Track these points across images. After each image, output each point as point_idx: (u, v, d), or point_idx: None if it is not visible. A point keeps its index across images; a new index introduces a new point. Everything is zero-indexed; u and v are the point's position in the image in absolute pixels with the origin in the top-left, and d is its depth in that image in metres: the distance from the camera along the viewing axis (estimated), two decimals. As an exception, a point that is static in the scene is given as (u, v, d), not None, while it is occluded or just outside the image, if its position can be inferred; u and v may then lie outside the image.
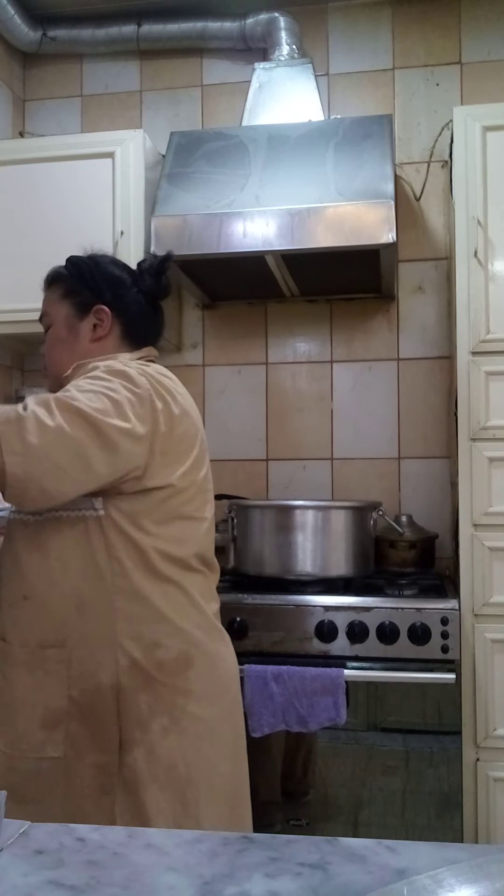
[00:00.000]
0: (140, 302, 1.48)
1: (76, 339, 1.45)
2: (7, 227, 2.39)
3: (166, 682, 1.30)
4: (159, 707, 1.29)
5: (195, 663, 1.33)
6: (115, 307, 1.46)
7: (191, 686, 1.32)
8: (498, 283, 2.06)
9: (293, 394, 2.66)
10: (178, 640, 1.31)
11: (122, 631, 1.28)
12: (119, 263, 1.54)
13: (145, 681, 1.28)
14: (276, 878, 0.57)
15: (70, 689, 1.27)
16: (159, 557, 1.30)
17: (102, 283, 1.46)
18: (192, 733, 1.31)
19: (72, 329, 1.46)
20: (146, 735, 1.28)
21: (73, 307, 1.47)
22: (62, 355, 1.45)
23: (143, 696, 1.28)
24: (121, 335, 1.46)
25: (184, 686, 1.31)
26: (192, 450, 1.37)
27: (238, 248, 2.13)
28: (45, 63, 2.80)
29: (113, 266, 1.51)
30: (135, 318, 1.48)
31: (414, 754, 1.97)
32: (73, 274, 1.48)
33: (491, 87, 2.54)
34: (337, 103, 2.64)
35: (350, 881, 0.57)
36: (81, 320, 1.46)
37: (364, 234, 2.07)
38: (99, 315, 1.45)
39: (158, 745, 1.28)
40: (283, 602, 2.04)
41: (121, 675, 1.27)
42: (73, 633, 1.27)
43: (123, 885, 0.57)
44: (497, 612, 2.00)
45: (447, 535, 2.46)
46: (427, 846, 0.62)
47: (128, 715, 1.28)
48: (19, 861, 0.61)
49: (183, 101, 2.74)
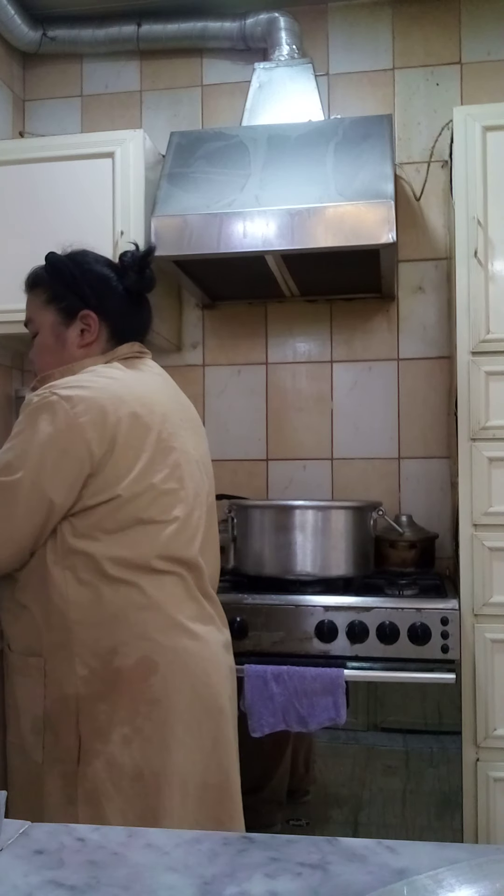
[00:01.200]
0: (125, 300, 1.46)
1: (63, 347, 1.45)
2: (7, 228, 2.39)
3: (126, 690, 1.27)
4: (119, 716, 1.26)
5: (159, 669, 1.29)
6: (101, 310, 1.45)
7: (155, 693, 1.28)
8: (498, 283, 2.06)
9: (293, 394, 2.66)
10: (136, 646, 1.28)
11: (78, 640, 1.27)
12: (101, 260, 1.51)
13: (104, 690, 1.27)
14: (276, 878, 0.57)
15: (45, 697, 1.29)
16: (113, 564, 1.29)
17: (86, 287, 1.44)
18: (158, 741, 1.28)
19: (59, 337, 1.45)
20: (106, 746, 1.26)
21: (59, 314, 1.46)
22: (50, 362, 1.45)
23: (101, 706, 1.26)
24: (108, 337, 1.46)
25: (148, 694, 1.28)
26: (141, 454, 1.32)
27: (238, 248, 2.13)
28: (45, 63, 2.80)
29: (96, 265, 1.48)
30: (121, 318, 1.46)
31: (414, 754, 1.97)
32: (54, 277, 1.47)
33: (491, 87, 2.54)
34: (337, 103, 2.64)
35: (350, 881, 0.57)
36: (68, 327, 1.45)
37: (364, 234, 2.06)
38: (86, 321, 1.44)
39: (120, 755, 1.25)
40: (283, 602, 2.04)
41: (80, 686, 1.26)
42: (45, 642, 1.29)
43: (123, 885, 0.57)
44: (497, 612, 2.00)
45: (447, 535, 2.46)
46: (427, 846, 0.62)
47: (87, 725, 1.26)
48: (19, 861, 0.61)
49: (183, 101, 2.74)
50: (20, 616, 1.32)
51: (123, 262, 1.47)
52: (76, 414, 1.27)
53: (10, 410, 2.66)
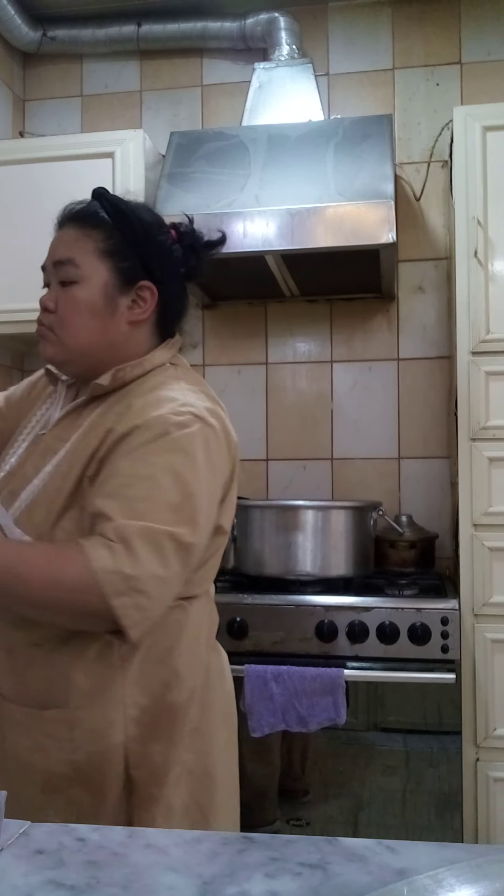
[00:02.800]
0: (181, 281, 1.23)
1: (112, 316, 1.17)
2: (7, 227, 2.39)
3: (178, 725, 1.16)
4: (173, 755, 1.15)
5: (195, 696, 1.19)
6: (161, 287, 1.19)
7: (194, 722, 1.19)
8: (498, 283, 2.06)
9: (293, 394, 2.66)
10: (188, 675, 1.18)
11: (130, 679, 1.12)
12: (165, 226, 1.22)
13: (157, 728, 1.13)
14: (276, 878, 0.57)
15: (74, 753, 1.10)
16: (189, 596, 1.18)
17: (154, 252, 1.18)
18: (201, 774, 1.19)
19: (110, 301, 1.16)
20: (163, 790, 1.13)
21: (118, 274, 1.16)
22: (91, 331, 1.17)
23: (155, 747, 1.13)
24: (156, 321, 1.22)
25: (189, 725, 1.18)
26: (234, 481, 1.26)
27: (238, 248, 2.13)
28: (45, 63, 2.80)
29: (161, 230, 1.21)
30: (174, 301, 1.24)
31: (414, 754, 1.97)
32: (123, 227, 1.17)
33: (491, 87, 2.54)
34: (337, 103, 2.64)
35: (350, 881, 0.57)
36: (122, 293, 1.17)
37: (364, 234, 2.07)
38: (142, 293, 1.18)
39: (174, 798, 1.15)
40: (283, 602, 2.04)
41: (130, 728, 1.11)
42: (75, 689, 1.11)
43: (123, 885, 0.57)
44: (497, 612, 2.00)
45: (447, 535, 2.46)
46: (427, 846, 0.62)
47: (141, 770, 1.12)
48: (19, 861, 0.61)
49: (183, 101, 2.74)
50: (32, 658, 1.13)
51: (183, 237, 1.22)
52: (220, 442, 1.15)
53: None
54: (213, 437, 1.12)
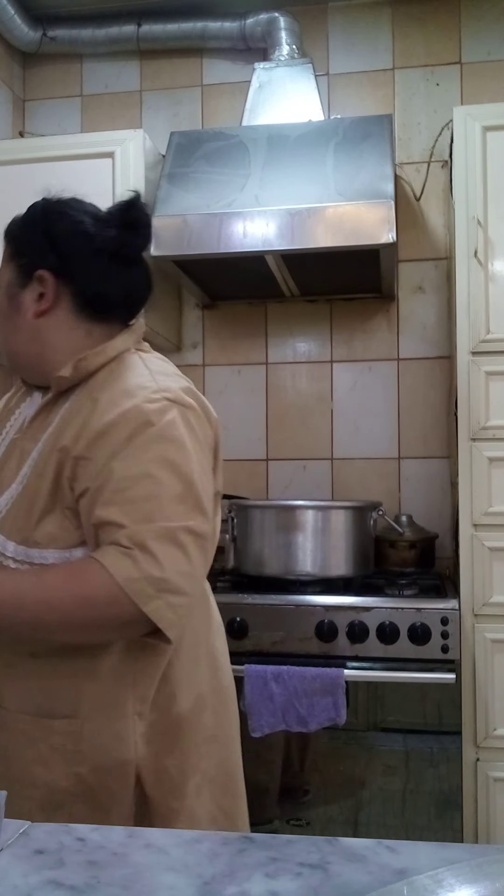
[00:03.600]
0: (100, 261, 1.16)
1: (17, 313, 1.17)
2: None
3: (189, 736, 1.14)
4: (189, 765, 1.13)
5: (207, 703, 1.17)
6: (63, 272, 1.16)
7: (209, 730, 1.17)
8: (498, 283, 2.06)
9: (293, 394, 2.66)
10: (191, 684, 1.15)
11: (137, 695, 1.10)
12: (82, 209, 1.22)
13: (168, 742, 1.11)
14: (276, 878, 0.57)
15: (79, 765, 1.07)
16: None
17: (46, 240, 1.17)
18: (223, 780, 1.19)
19: (13, 299, 1.18)
20: (184, 801, 1.11)
21: (16, 271, 1.18)
22: (8, 333, 1.19)
23: (170, 761, 1.11)
24: (75, 307, 1.17)
25: (204, 733, 1.16)
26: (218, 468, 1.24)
27: (238, 248, 2.13)
28: (45, 63, 2.80)
29: (73, 214, 1.20)
30: (93, 283, 1.17)
31: (414, 754, 1.97)
32: (24, 227, 1.22)
33: (491, 87, 2.54)
34: (337, 103, 2.64)
35: (350, 881, 0.57)
36: (23, 288, 1.17)
37: (364, 234, 2.06)
38: (41, 283, 1.16)
39: (198, 807, 1.13)
40: (283, 602, 2.04)
41: (140, 745, 1.09)
42: (85, 700, 1.08)
43: (123, 885, 0.57)
44: (497, 612, 2.00)
45: (447, 535, 2.46)
46: (427, 846, 0.62)
47: (158, 786, 1.10)
48: (19, 861, 0.61)
49: (183, 101, 2.74)
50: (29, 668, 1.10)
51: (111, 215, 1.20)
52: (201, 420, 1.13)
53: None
54: (194, 417, 1.11)
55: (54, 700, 1.09)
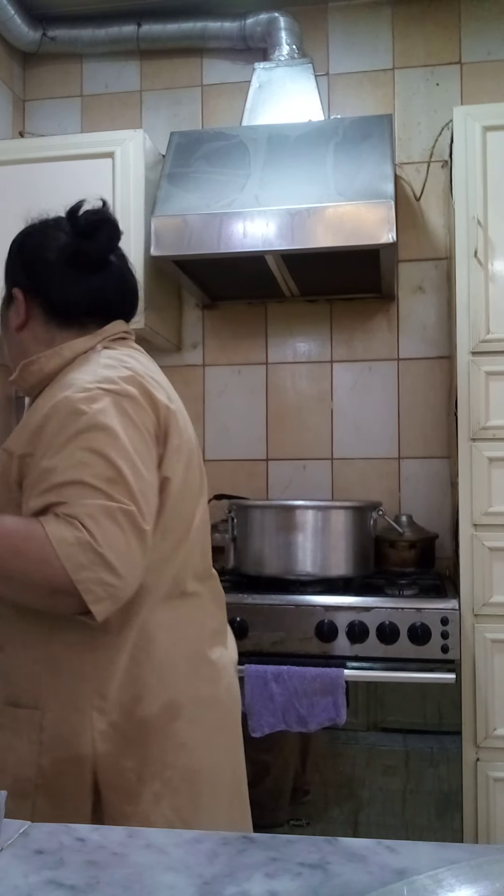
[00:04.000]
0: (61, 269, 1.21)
1: (7, 331, 1.26)
2: (7, 228, 2.39)
3: (153, 742, 1.11)
4: (148, 772, 1.10)
5: (183, 712, 1.14)
6: (31, 286, 1.22)
7: (180, 738, 1.14)
8: (498, 283, 2.06)
9: (293, 394, 2.66)
10: (161, 689, 1.13)
11: (95, 689, 1.09)
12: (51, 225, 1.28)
13: (128, 745, 1.10)
14: (276, 878, 0.57)
15: (40, 756, 1.09)
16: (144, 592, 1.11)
17: (18, 260, 1.26)
18: (187, 790, 1.14)
19: (3, 320, 1.28)
20: (138, 807, 1.09)
21: (5, 294, 1.28)
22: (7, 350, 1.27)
23: (127, 764, 1.09)
24: (44, 318, 1.22)
25: (173, 740, 1.13)
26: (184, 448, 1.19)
27: (238, 248, 2.13)
28: (45, 63, 2.80)
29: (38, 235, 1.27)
30: (56, 290, 1.21)
31: (414, 754, 1.97)
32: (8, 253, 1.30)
33: (491, 87, 2.54)
34: (337, 103, 2.64)
35: (350, 881, 0.57)
36: (8, 308, 1.26)
37: (364, 234, 2.07)
38: (16, 300, 1.24)
39: (153, 814, 1.10)
40: (283, 602, 2.04)
41: (98, 742, 1.08)
42: (45, 691, 1.10)
43: (123, 885, 0.57)
44: (497, 612, 2.00)
45: (447, 535, 2.46)
46: (427, 846, 0.62)
47: (110, 788, 1.09)
48: (19, 861, 0.61)
49: (183, 101, 2.74)
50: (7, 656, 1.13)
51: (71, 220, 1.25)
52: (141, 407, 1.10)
53: (10, 410, 2.66)
54: (130, 405, 1.09)
55: (19, 690, 1.11)
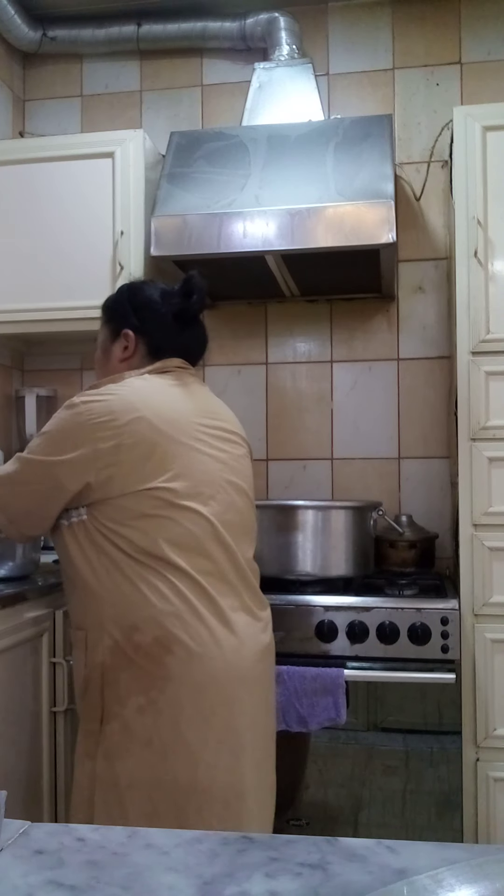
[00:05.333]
0: (166, 321, 1.62)
1: (108, 361, 1.66)
2: (7, 227, 2.39)
3: (144, 664, 1.41)
4: (136, 686, 1.41)
5: (174, 650, 1.40)
6: (142, 330, 1.63)
7: (170, 672, 1.40)
8: (498, 283, 2.06)
9: (293, 394, 2.66)
10: (154, 625, 1.41)
11: (108, 616, 1.44)
12: (153, 286, 1.69)
13: (125, 661, 1.42)
14: (276, 878, 0.57)
15: (85, 666, 1.47)
16: (134, 550, 1.43)
17: (130, 309, 1.65)
18: (169, 715, 1.40)
19: (105, 352, 1.67)
20: (123, 710, 1.41)
21: (109, 332, 1.67)
22: (99, 373, 1.68)
23: (122, 675, 1.42)
24: (145, 353, 1.63)
25: (162, 671, 1.40)
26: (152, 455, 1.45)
27: (238, 248, 2.13)
28: (45, 63, 2.80)
29: (147, 289, 1.68)
30: (160, 337, 1.63)
31: (414, 754, 1.97)
32: (114, 302, 1.69)
33: (491, 87, 2.54)
34: (337, 103, 2.64)
35: (350, 881, 0.57)
36: (113, 343, 1.66)
37: (364, 234, 2.07)
38: (126, 338, 1.63)
39: (133, 721, 1.40)
40: (283, 602, 2.04)
41: (106, 655, 1.43)
42: (87, 617, 1.47)
43: (123, 885, 0.57)
44: (497, 612, 2.00)
45: (447, 535, 2.46)
46: (427, 846, 0.62)
47: (110, 690, 1.43)
48: (19, 861, 0.61)
49: (183, 101, 2.74)
50: (72, 595, 1.52)
51: (173, 287, 1.65)
52: (90, 416, 1.46)
53: (10, 410, 2.66)
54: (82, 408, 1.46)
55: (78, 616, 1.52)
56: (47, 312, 2.34)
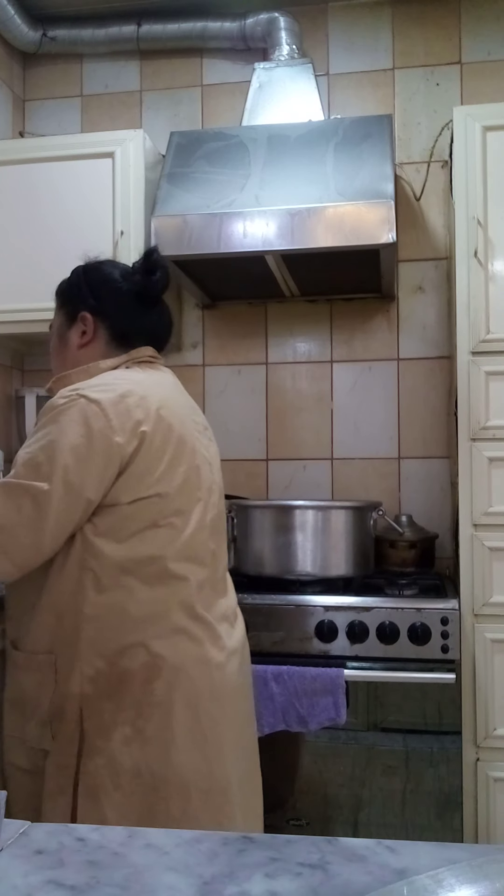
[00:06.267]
0: (127, 302, 1.47)
1: (66, 348, 1.50)
2: (7, 227, 2.39)
3: (130, 692, 1.30)
4: (122, 717, 1.29)
5: (162, 674, 1.31)
6: (100, 311, 1.47)
7: (157, 697, 1.30)
8: (498, 283, 2.06)
9: (293, 394, 2.66)
10: (142, 650, 1.30)
11: (87, 639, 1.30)
12: (112, 264, 1.55)
13: (109, 690, 1.29)
14: (276, 878, 0.57)
15: (54, 692, 1.32)
16: (132, 565, 1.31)
17: (87, 289, 1.49)
18: (158, 743, 1.30)
19: (62, 338, 1.51)
20: (108, 744, 1.29)
21: (65, 316, 1.51)
22: (57, 364, 1.51)
23: (106, 705, 1.29)
24: (107, 339, 1.47)
25: (150, 697, 1.30)
26: (164, 456, 1.35)
27: (238, 248, 2.13)
28: (45, 63, 2.80)
29: (103, 268, 1.52)
30: (123, 319, 1.47)
31: (414, 754, 1.97)
32: (68, 284, 1.54)
33: (491, 87, 2.54)
34: (337, 103, 2.64)
35: (350, 881, 0.57)
36: (70, 328, 1.50)
37: (364, 234, 2.06)
38: (83, 321, 1.48)
39: (119, 754, 1.28)
40: (283, 602, 2.04)
41: (84, 684, 1.29)
42: (56, 640, 1.32)
43: (123, 885, 0.57)
44: (497, 612, 2.00)
45: (447, 535, 2.46)
46: (427, 846, 0.62)
47: (90, 722, 1.29)
48: (19, 861, 0.61)
49: (183, 101, 2.74)
50: (33, 615, 1.34)
51: (134, 266, 1.50)
52: (104, 415, 1.30)
53: (10, 410, 2.66)
54: (94, 410, 1.30)
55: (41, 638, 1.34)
56: (47, 312, 2.32)
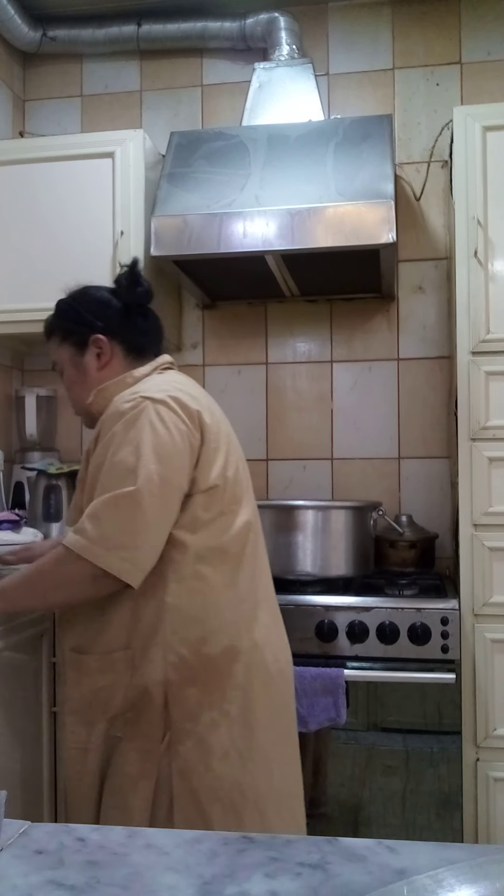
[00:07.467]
0: (127, 316, 1.56)
1: (85, 374, 1.55)
2: (7, 227, 2.39)
3: (213, 676, 1.37)
4: (207, 700, 1.36)
5: (241, 657, 1.39)
6: (109, 331, 1.54)
7: (238, 680, 1.39)
8: (498, 283, 2.06)
9: (293, 394, 2.66)
10: (223, 635, 1.38)
11: (170, 630, 1.36)
12: (95, 288, 1.62)
13: (193, 676, 1.36)
14: (276, 878, 0.57)
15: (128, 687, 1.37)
16: (207, 554, 1.38)
17: (88, 315, 1.56)
18: (242, 725, 1.38)
19: (78, 367, 1.56)
20: (196, 727, 1.36)
21: (73, 347, 1.56)
22: (80, 393, 1.56)
23: (191, 691, 1.36)
24: (124, 353, 1.55)
25: (232, 680, 1.38)
26: (220, 449, 1.44)
27: (238, 248, 2.13)
28: (45, 63, 2.80)
29: (93, 292, 1.60)
30: (130, 332, 1.56)
31: (414, 754, 1.97)
32: (60, 317, 1.60)
33: (491, 87, 2.54)
34: (337, 103, 2.64)
35: (350, 881, 0.57)
36: (83, 356, 1.55)
37: (364, 234, 2.07)
38: (97, 344, 1.54)
39: (208, 736, 1.36)
40: (284, 602, 2.03)
41: (169, 671, 1.35)
42: (135, 635, 1.38)
43: (123, 885, 0.57)
44: (497, 612, 2.00)
45: (447, 535, 2.46)
46: (427, 846, 0.62)
47: (177, 708, 1.36)
48: (19, 861, 0.61)
49: (183, 101, 2.74)
50: (105, 615, 1.39)
51: (119, 281, 1.58)
52: (173, 411, 1.38)
53: (10, 410, 2.66)
54: (164, 408, 1.37)
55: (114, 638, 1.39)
56: (47, 312, 2.33)
